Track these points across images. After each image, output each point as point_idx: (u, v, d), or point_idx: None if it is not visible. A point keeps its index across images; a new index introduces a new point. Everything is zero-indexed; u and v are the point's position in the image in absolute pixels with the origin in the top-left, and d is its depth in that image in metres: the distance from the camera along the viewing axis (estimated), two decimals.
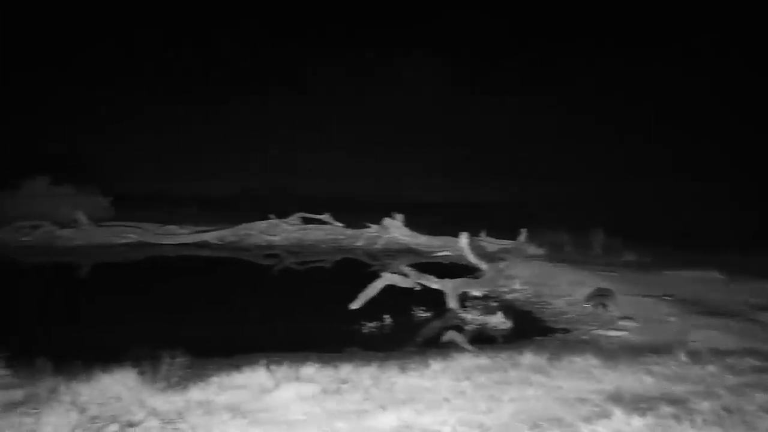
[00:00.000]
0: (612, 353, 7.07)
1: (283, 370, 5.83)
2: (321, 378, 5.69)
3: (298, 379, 5.64)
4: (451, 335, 8.48)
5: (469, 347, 8.05)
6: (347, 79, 47.75)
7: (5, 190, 17.29)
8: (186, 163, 35.59)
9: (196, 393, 5.15)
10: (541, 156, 38.29)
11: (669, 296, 9.88)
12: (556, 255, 13.89)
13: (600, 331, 8.59)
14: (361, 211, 19.24)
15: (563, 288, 10.93)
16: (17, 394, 5.10)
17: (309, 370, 5.87)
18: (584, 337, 8.49)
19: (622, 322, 8.81)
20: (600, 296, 9.74)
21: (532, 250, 14.30)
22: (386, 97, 48.52)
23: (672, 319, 8.69)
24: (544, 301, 10.59)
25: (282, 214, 16.93)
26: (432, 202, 28.40)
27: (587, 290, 10.25)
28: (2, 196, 17.14)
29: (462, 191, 31.93)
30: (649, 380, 5.59)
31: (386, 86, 49.04)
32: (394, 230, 15.84)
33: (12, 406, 4.73)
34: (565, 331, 8.89)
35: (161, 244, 15.74)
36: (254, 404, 4.98)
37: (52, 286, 12.33)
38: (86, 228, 15.80)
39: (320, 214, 17.22)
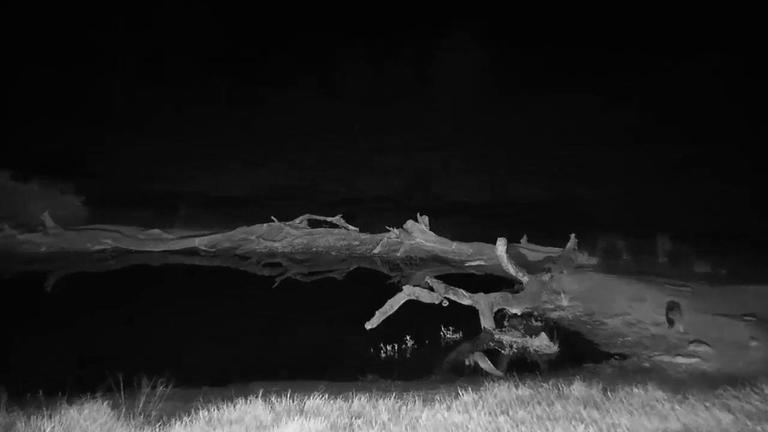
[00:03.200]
0: (680, 384, 6.97)
1: (284, 402, 5.81)
2: (330, 411, 5.66)
3: (302, 412, 5.61)
4: (474, 357, 8.42)
5: (495, 370, 8.01)
6: (376, 73, 48.41)
7: None
8: (176, 157, 35.78)
9: (181, 430, 5.13)
10: (595, 150, 38.03)
11: (750, 316, 9.70)
12: (611, 264, 13.75)
13: (665, 357, 8.47)
14: (378, 213, 19.17)
15: (620, 304, 10.80)
16: None
17: (316, 401, 5.85)
18: (646, 364, 8.39)
19: (692, 347, 8.68)
20: (668, 310, 9.64)
21: (583, 258, 14.16)
22: (419, 88, 49.07)
23: (754, 343, 8.54)
24: (597, 321, 10.48)
25: (286, 216, 16.91)
26: (463, 201, 28.28)
27: (650, 307, 10.12)
28: None
29: (499, 189, 31.74)
30: (726, 418, 5.47)
31: (418, 79, 49.69)
32: (418, 235, 15.76)
33: None
34: (623, 356, 8.80)
35: (143, 251, 15.79)
36: None
37: (13, 301, 12.39)
38: (54, 232, 15.90)
39: (331, 215, 17.17)
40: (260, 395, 5.89)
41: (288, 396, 5.90)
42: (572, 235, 14.01)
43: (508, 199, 30.10)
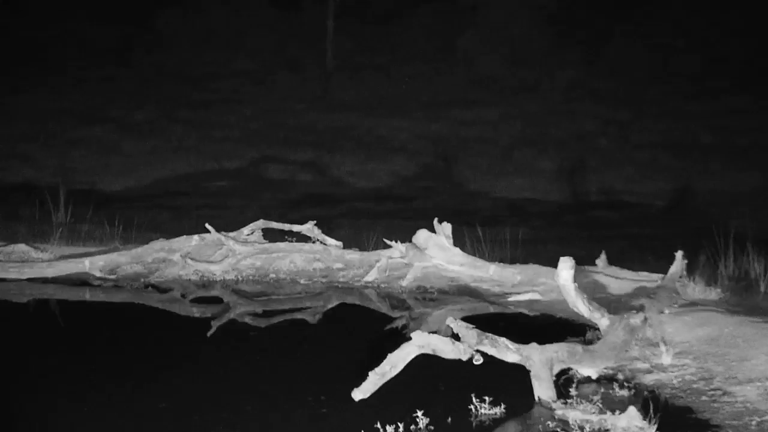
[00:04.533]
0: None
1: None
2: None
3: None
4: None
5: None
6: None
7: None
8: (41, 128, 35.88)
9: None
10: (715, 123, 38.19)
11: None
12: (742, 301, 13.78)
13: None
14: (373, 218, 19.17)
15: (759, 364, 10.79)
16: None
17: None
18: None
19: None
20: None
21: (698, 290, 14.18)
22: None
23: None
24: (719, 389, 10.41)
25: (228, 223, 16.99)
26: (510, 199, 28.40)
27: None
28: None
29: (569, 178, 31.88)
30: None
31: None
32: (436, 253, 15.79)
33: None
34: None
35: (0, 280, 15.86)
36: None
37: None
38: None
39: (298, 222, 17.26)
40: None
41: None
42: (679, 253, 14.00)
43: (581, 194, 30.09)
